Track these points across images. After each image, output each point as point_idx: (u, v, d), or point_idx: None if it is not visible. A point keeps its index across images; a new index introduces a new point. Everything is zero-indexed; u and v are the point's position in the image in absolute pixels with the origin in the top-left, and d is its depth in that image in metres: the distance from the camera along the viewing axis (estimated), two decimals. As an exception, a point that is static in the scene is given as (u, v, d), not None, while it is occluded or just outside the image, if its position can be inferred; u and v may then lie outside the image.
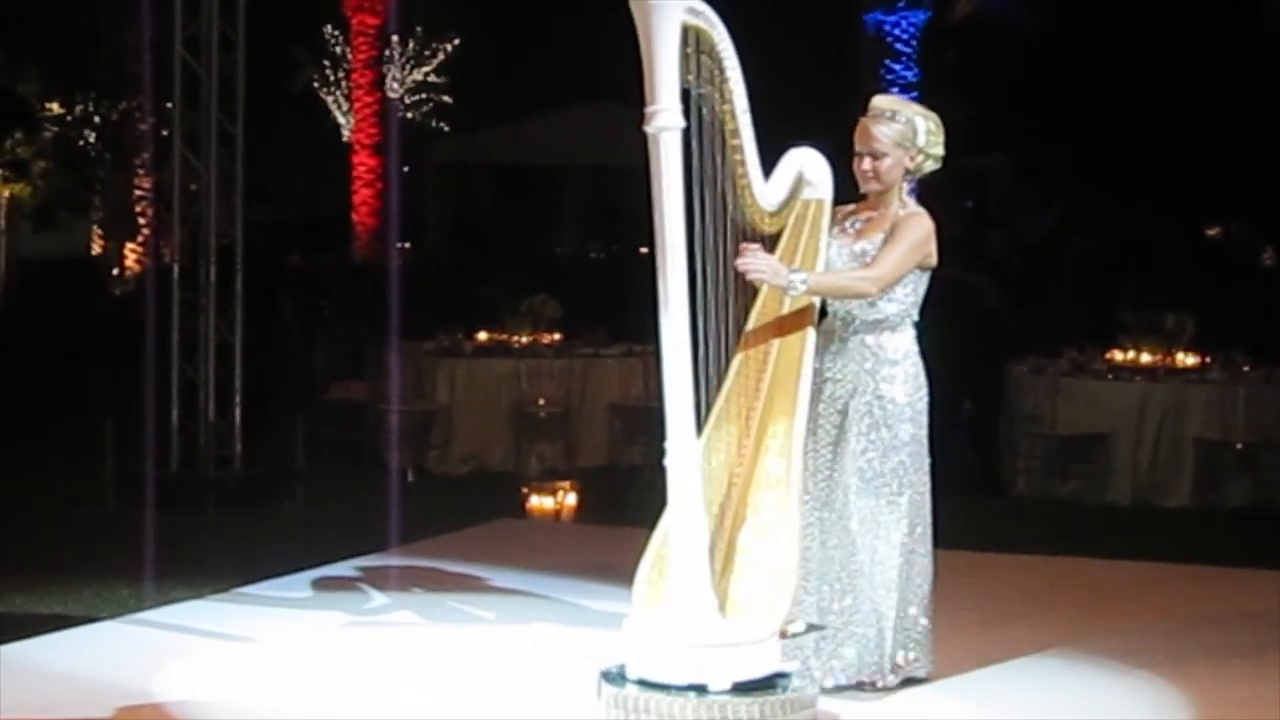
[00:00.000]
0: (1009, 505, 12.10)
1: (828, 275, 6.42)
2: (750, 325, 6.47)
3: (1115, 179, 25.80)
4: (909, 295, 6.51)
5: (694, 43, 5.95)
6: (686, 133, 5.89)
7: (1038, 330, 13.85)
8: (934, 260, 6.53)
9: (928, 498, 6.57)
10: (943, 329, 11.96)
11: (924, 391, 6.54)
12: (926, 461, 6.56)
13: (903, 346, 6.49)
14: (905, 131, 6.48)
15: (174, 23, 11.88)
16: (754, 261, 6.20)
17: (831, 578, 6.45)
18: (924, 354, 6.59)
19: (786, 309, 6.44)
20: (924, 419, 6.54)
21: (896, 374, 6.46)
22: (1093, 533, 10.99)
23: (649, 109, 5.79)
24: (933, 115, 6.59)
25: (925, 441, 6.55)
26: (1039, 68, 26.20)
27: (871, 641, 6.46)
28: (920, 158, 6.53)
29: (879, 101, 6.60)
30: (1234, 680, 7.23)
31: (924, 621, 6.55)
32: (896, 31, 24.79)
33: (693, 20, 5.89)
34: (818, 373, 6.44)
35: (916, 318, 6.55)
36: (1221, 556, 10.04)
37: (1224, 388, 12.19)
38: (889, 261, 6.39)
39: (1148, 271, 20.16)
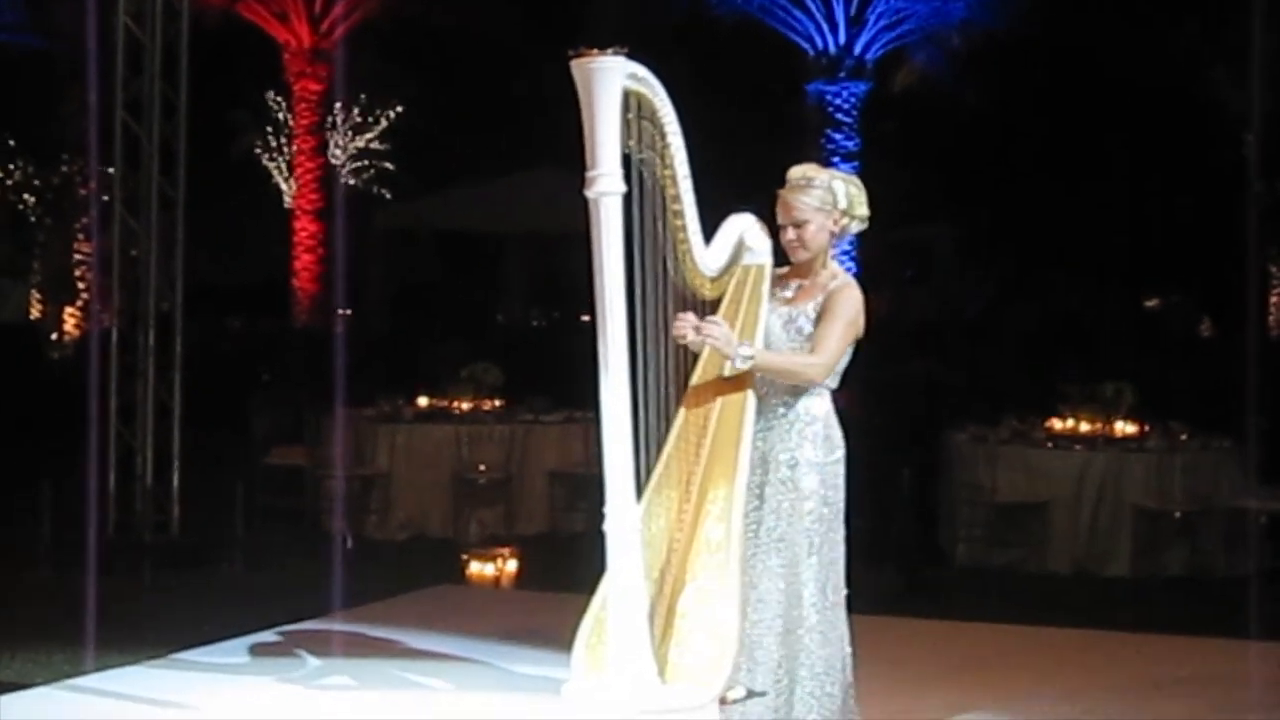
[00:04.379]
0: (949, 573, 12.10)
1: (775, 355, 6.38)
2: (691, 390, 6.46)
3: (1056, 250, 26.01)
4: None
5: (635, 108, 5.95)
6: (628, 198, 5.88)
7: (978, 399, 13.90)
8: (862, 332, 6.51)
9: (840, 560, 6.46)
10: (884, 398, 12.07)
11: (839, 454, 6.47)
12: (840, 524, 6.47)
13: (818, 409, 6.45)
14: (825, 196, 6.45)
15: (115, 85, 11.86)
16: (709, 328, 6.19)
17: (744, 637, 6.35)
18: (842, 419, 6.55)
19: (727, 374, 6.42)
20: (838, 481, 6.45)
21: (810, 435, 6.41)
22: (1033, 601, 11.01)
23: (590, 173, 5.79)
24: (852, 178, 6.58)
25: (840, 504, 6.46)
26: (980, 139, 26.45)
27: (781, 701, 6.38)
28: (845, 219, 6.49)
29: (794, 171, 6.56)
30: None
31: (833, 689, 6.40)
32: (838, 101, 24.93)
33: (634, 86, 5.90)
34: None
35: (835, 386, 6.52)
36: (1160, 624, 10.06)
37: (1162, 457, 12.23)
38: (831, 345, 6.35)
39: (1087, 341, 20.25)
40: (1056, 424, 12.67)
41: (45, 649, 8.89)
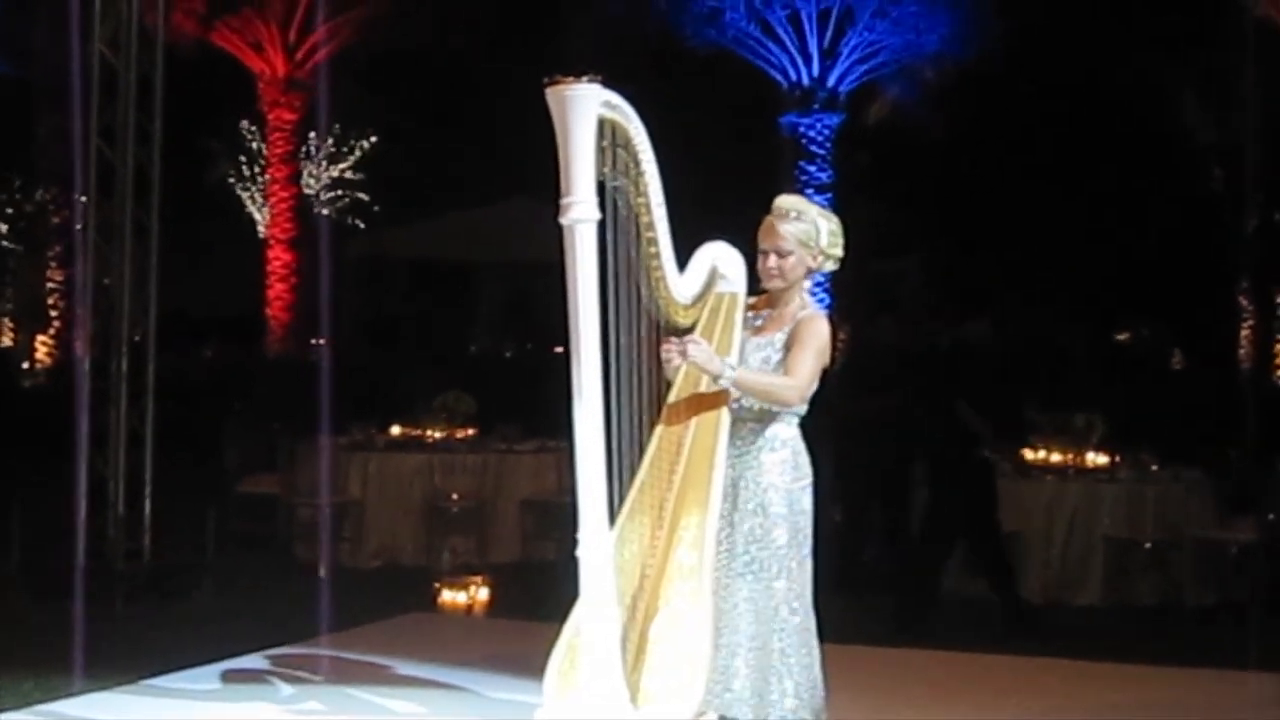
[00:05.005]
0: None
1: (754, 374, 6.43)
2: (665, 417, 6.48)
3: (1028, 282, 26.08)
4: None
5: (610, 136, 5.98)
6: (602, 225, 5.91)
7: (950, 429, 13.90)
8: (828, 362, 6.57)
9: (807, 585, 6.49)
10: (855, 424, 12.08)
11: (807, 481, 6.51)
12: (808, 549, 6.49)
13: (785, 436, 6.49)
14: (810, 231, 6.53)
15: (90, 113, 11.86)
16: (691, 347, 6.23)
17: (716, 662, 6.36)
18: (811, 448, 6.59)
19: (700, 400, 6.45)
20: (806, 506, 6.49)
21: (778, 461, 6.45)
22: (1005, 629, 11.02)
23: (564, 200, 5.81)
24: (834, 218, 6.65)
25: (807, 529, 6.49)
26: (953, 171, 26.54)
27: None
28: (821, 258, 6.57)
29: (784, 201, 6.64)
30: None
31: (805, 714, 6.39)
32: (811, 134, 25.02)
33: (609, 114, 5.93)
34: None
35: (804, 413, 6.56)
36: (1131, 654, 10.09)
37: (1133, 487, 12.28)
38: (803, 371, 6.41)
39: (1058, 373, 20.30)
40: (1028, 454, 12.70)
41: (16, 675, 8.85)
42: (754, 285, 6.67)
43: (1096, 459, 12.58)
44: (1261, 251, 25.83)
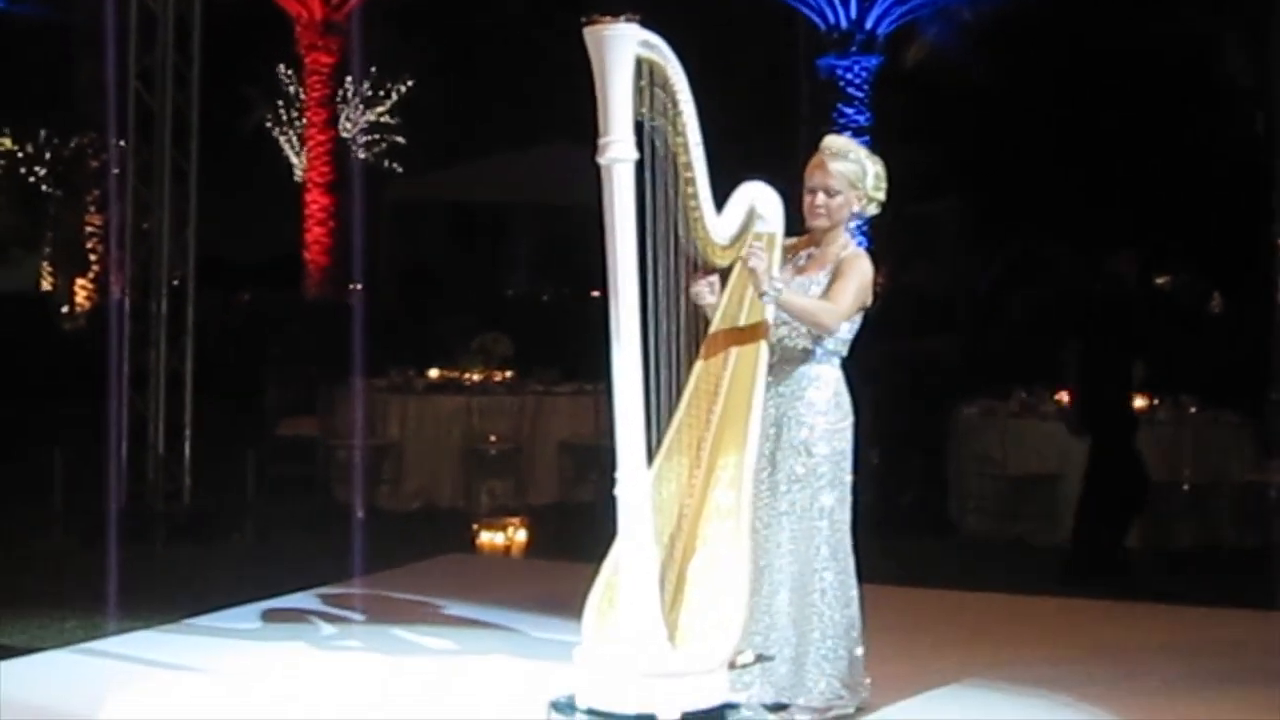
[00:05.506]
0: (959, 545, 12.14)
1: (798, 296, 6.46)
2: (702, 357, 6.50)
3: (1065, 226, 25.94)
4: (843, 331, 6.56)
5: (648, 76, 5.98)
6: (640, 165, 5.91)
7: (988, 372, 13.90)
8: (869, 302, 6.59)
9: (847, 526, 6.56)
10: (893, 369, 12.08)
11: (848, 422, 6.57)
12: (848, 490, 6.56)
13: (828, 376, 6.52)
14: (857, 171, 6.57)
15: (128, 57, 11.88)
16: (755, 255, 6.25)
17: (753, 602, 6.35)
18: (852, 388, 6.61)
19: (738, 341, 6.47)
20: (847, 446, 6.55)
21: (818, 401, 6.49)
22: (1041, 572, 11.03)
23: (602, 140, 5.82)
24: (880, 162, 6.67)
25: (847, 471, 6.56)
26: (991, 115, 26.40)
27: (787, 665, 6.44)
28: (866, 200, 6.61)
29: (833, 141, 6.67)
30: (1174, 708, 7.31)
31: (843, 652, 6.48)
32: (849, 76, 24.92)
33: (647, 53, 5.93)
34: None
35: (845, 354, 6.59)
36: (1170, 596, 10.09)
37: (1172, 430, 12.25)
38: (844, 299, 6.45)
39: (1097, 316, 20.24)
40: (1065, 397, 12.66)
41: (59, 615, 8.93)
42: (795, 225, 6.67)
43: (1135, 401, 12.53)
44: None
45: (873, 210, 6.66)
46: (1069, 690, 7.52)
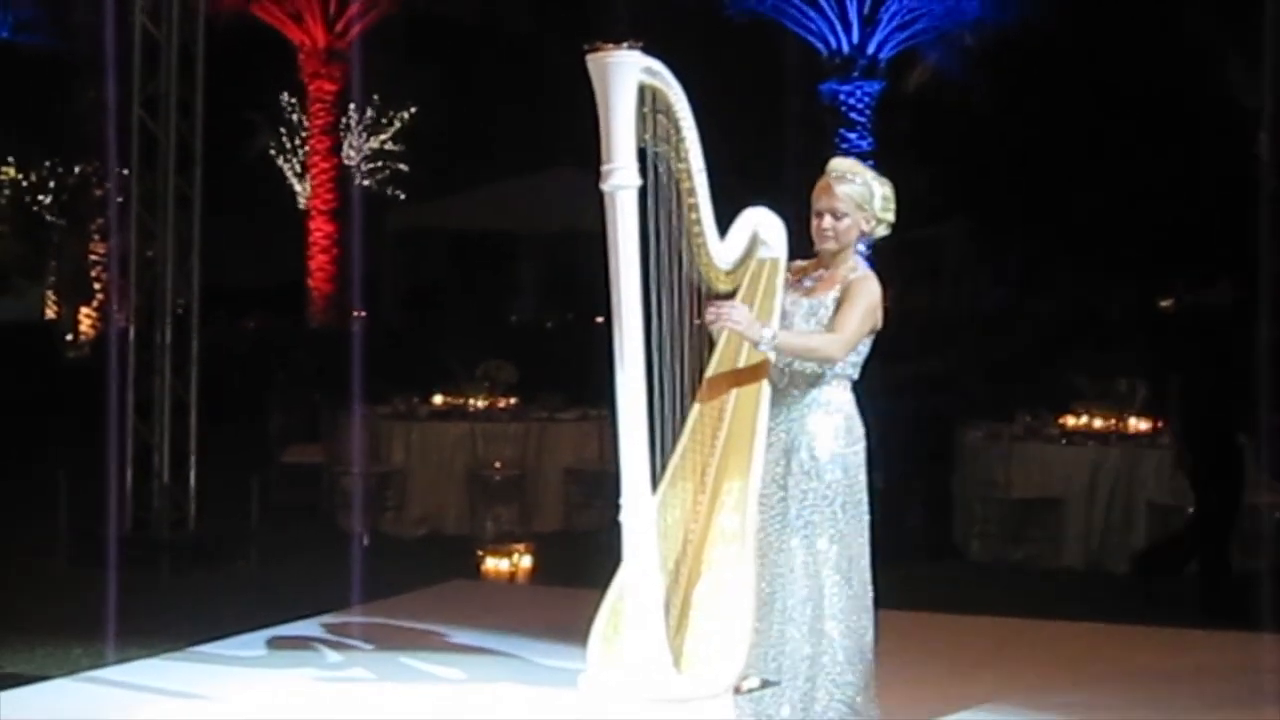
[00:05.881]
0: (963, 569, 12.14)
1: (796, 334, 6.43)
2: (706, 381, 6.49)
3: (1070, 248, 25.99)
4: (853, 355, 6.53)
5: (650, 102, 5.98)
6: (643, 192, 5.91)
7: (992, 396, 13.93)
8: (880, 324, 6.56)
9: (864, 551, 6.50)
10: (897, 392, 12.08)
11: (860, 446, 6.52)
12: (864, 514, 6.52)
13: (839, 399, 6.49)
14: (864, 193, 6.54)
15: (132, 85, 11.92)
16: (731, 313, 6.23)
17: (763, 629, 6.34)
18: (863, 411, 6.59)
19: (742, 365, 6.47)
20: (860, 471, 6.51)
21: (830, 425, 6.46)
22: (1046, 596, 11.03)
23: (605, 167, 5.81)
24: (887, 183, 6.65)
25: (861, 494, 6.51)
26: (993, 138, 26.45)
27: (799, 693, 6.42)
28: (874, 222, 6.58)
29: (839, 163, 6.65)
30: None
31: (853, 678, 6.40)
32: (851, 101, 24.95)
33: (650, 80, 5.93)
34: None
35: (856, 376, 6.57)
36: (1174, 619, 10.08)
37: (1176, 453, 12.23)
38: (850, 326, 6.40)
39: (1102, 338, 20.28)
40: (1070, 420, 12.69)
41: (64, 643, 8.95)
42: (802, 249, 6.67)
43: (1139, 424, 12.56)
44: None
45: (882, 231, 6.62)
46: (1087, 713, 7.52)
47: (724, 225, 6.40)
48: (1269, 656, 8.83)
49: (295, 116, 31.85)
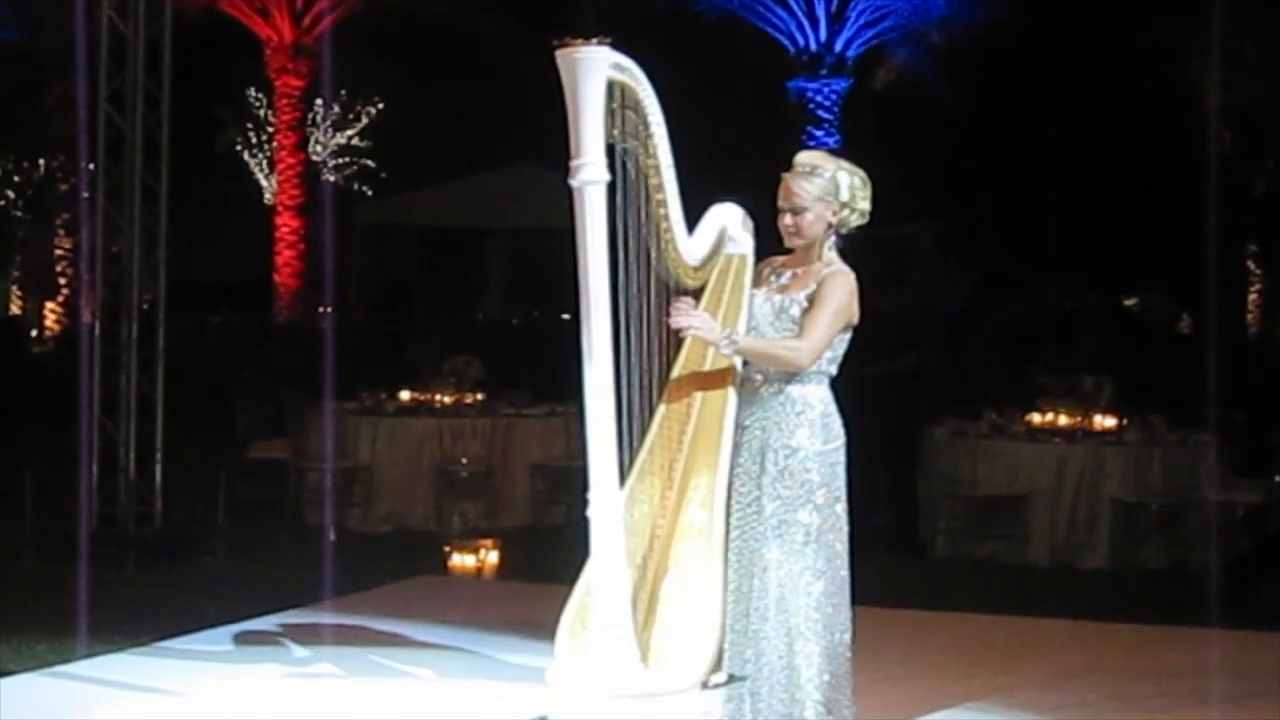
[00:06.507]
0: (929, 565, 12.16)
1: (759, 340, 6.37)
2: (674, 377, 6.49)
3: (1037, 247, 26.03)
4: (829, 352, 6.47)
5: (619, 98, 5.98)
6: (611, 188, 5.91)
7: (957, 393, 13.95)
8: (856, 319, 6.50)
9: (842, 550, 6.45)
10: (863, 391, 12.10)
11: (838, 443, 6.46)
12: (842, 513, 6.46)
13: (815, 397, 6.44)
14: (827, 186, 6.44)
15: (98, 80, 11.88)
16: (689, 318, 6.21)
17: (739, 628, 6.34)
18: (841, 409, 6.55)
19: (710, 362, 6.46)
20: (838, 470, 6.46)
21: (806, 423, 6.40)
22: (1011, 593, 11.06)
23: (574, 163, 5.81)
24: (858, 171, 6.53)
25: (840, 493, 6.47)
26: (961, 136, 26.48)
27: (780, 692, 6.39)
28: (845, 212, 6.45)
29: (802, 157, 6.58)
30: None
31: (828, 678, 6.34)
32: (819, 98, 25.00)
33: (618, 76, 5.93)
34: (736, 423, 6.41)
35: (834, 373, 6.52)
36: (1138, 616, 10.12)
37: (1141, 450, 12.28)
38: (818, 331, 6.31)
39: (1067, 337, 20.34)
40: (1036, 417, 12.71)
41: (29, 638, 8.91)
42: (771, 246, 6.65)
43: (1104, 421, 12.60)
44: (1270, 215, 25.82)
45: (856, 221, 6.46)
46: (1054, 712, 7.55)
47: (692, 222, 6.40)
48: (1232, 655, 8.86)
49: (262, 112, 31.78)
